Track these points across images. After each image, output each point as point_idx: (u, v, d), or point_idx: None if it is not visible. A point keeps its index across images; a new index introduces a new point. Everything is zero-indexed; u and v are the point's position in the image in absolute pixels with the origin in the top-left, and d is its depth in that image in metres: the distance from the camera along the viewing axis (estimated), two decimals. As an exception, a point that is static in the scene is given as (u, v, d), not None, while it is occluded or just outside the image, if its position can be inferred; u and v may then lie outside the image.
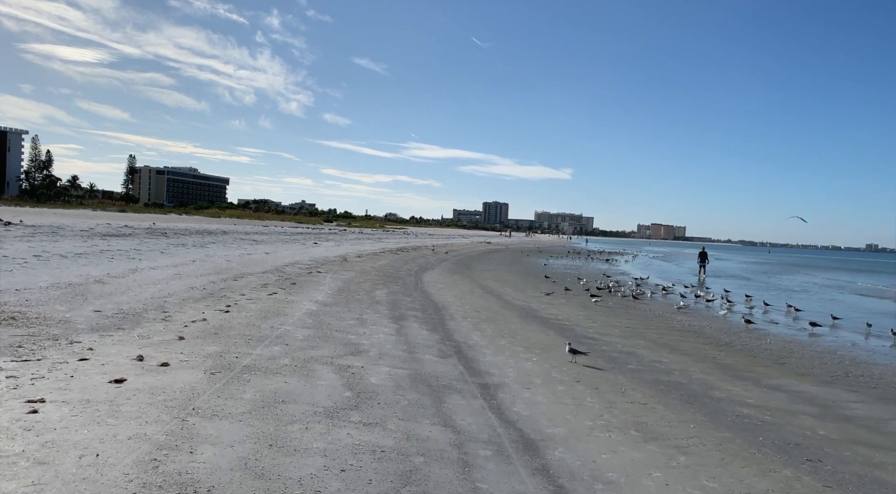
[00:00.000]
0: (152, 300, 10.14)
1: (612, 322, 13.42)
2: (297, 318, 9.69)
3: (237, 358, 6.71)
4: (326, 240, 39.07)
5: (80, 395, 4.92)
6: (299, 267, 18.69)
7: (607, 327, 12.56)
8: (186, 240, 25.69)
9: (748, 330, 13.63)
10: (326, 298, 12.46)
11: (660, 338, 11.59)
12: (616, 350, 9.99)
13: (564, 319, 13.24)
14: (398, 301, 13.48)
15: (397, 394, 5.88)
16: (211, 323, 8.59)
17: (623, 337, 11.42)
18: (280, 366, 6.51)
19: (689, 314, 16.09)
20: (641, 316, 14.89)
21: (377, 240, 50.07)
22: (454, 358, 8.10)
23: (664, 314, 15.76)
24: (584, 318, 13.68)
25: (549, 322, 12.66)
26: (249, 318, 9.27)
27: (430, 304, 13.63)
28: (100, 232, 24.85)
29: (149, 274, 13.37)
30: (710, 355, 10.19)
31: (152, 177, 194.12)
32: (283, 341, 7.87)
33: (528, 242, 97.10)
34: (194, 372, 5.93)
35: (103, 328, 7.67)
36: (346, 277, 17.32)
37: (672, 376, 8.24)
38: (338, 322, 9.78)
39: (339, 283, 15.60)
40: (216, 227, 41.50)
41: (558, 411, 6.02)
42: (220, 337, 7.77)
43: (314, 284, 14.78)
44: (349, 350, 7.75)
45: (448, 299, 15.02)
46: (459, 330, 10.54)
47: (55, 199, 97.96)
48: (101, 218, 47.16)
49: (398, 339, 8.88)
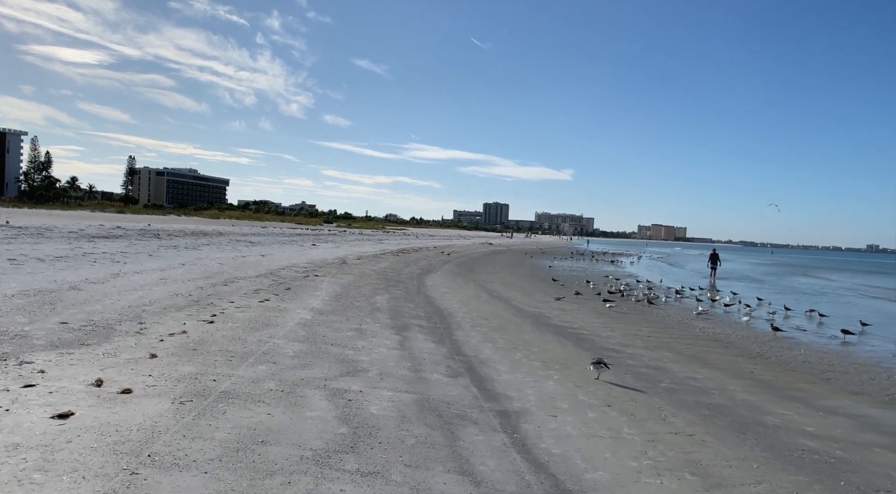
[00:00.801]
0: (129, 309, 9.17)
1: (632, 330, 12.44)
2: (288, 329, 8.72)
3: (215, 381, 5.74)
4: (325, 242, 38.10)
5: (8, 438, 3.95)
6: (295, 271, 17.72)
7: (628, 336, 11.59)
8: (179, 241, 24.72)
9: (777, 339, 12.65)
10: (323, 305, 11.49)
11: (686, 349, 10.61)
12: (643, 363, 9.01)
13: (581, 327, 12.27)
14: (400, 307, 12.51)
15: (402, 429, 4.90)
16: (191, 337, 7.62)
17: (647, 348, 10.45)
18: (264, 392, 5.54)
19: (709, 320, 15.12)
20: (661, 324, 13.91)
21: (377, 241, 49.09)
22: (465, 376, 7.13)
23: (683, 320, 14.79)
24: (601, 326, 12.71)
25: (564, 331, 11.68)
26: (235, 330, 8.30)
27: (434, 311, 12.66)
28: (89, 233, 23.89)
29: (131, 280, 12.40)
30: (746, 369, 9.22)
31: (152, 179, 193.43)
32: (270, 358, 6.90)
33: (530, 243, 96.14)
34: (160, 402, 4.96)
35: (64, 344, 6.70)
36: (344, 281, 16.36)
37: (713, 397, 7.27)
38: (334, 333, 8.80)
39: (337, 288, 14.63)
40: (212, 229, 40.52)
41: (594, 447, 5.05)
42: (199, 353, 6.80)
43: (310, 289, 13.81)
44: (346, 369, 6.77)
45: (453, 305, 14.05)
46: (468, 341, 9.57)
47: (54, 201, 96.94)
48: (98, 219, 46.22)
49: (401, 354, 7.90)
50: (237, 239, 30.65)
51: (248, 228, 52.38)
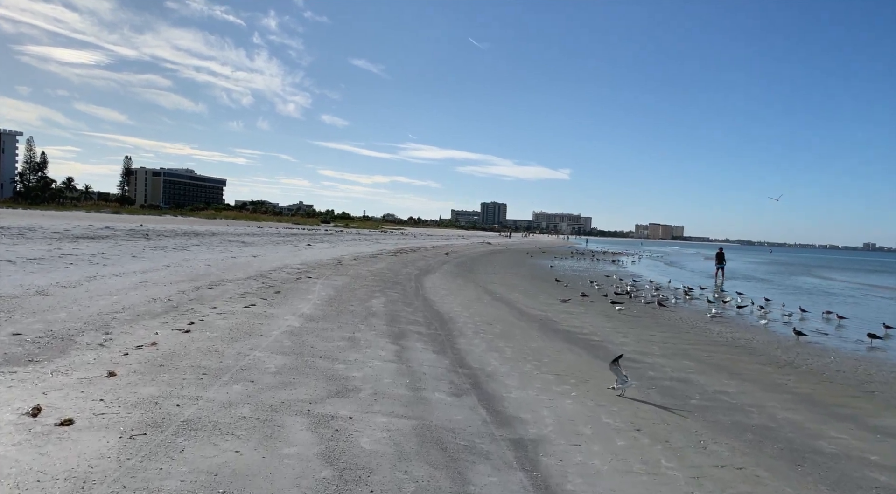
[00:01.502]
0: (97, 316, 8.28)
1: (646, 335, 11.59)
2: (273, 339, 7.84)
3: (178, 406, 4.87)
4: (321, 242, 37.20)
5: None
6: (287, 273, 16.84)
7: (643, 343, 10.73)
8: (167, 242, 23.79)
9: (801, 344, 11.82)
10: (313, 311, 10.61)
11: (708, 357, 9.76)
12: (665, 375, 8.16)
13: (591, 333, 11.41)
14: (397, 312, 11.64)
15: (399, 470, 4.03)
16: (161, 349, 6.74)
17: (666, 356, 9.60)
18: (235, 420, 4.66)
19: (724, 323, 14.29)
20: (674, 327, 13.07)
21: (374, 241, 48.20)
22: (472, 395, 6.26)
23: (697, 324, 13.95)
24: (613, 331, 11.85)
25: (574, 337, 10.82)
26: (213, 341, 7.43)
27: (434, 316, 11.80)
28: (74, 234, 22.96)
29: (107, 283, 11.51)
30: (779, 381, 8.37)
31: (148, 179, 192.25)
32: (248, 375, 6.02)
33: (529, 243, 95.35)
34: (105, 437, 4.09)
35: (10, 360, 5.81)
36: (338, 283, 15.48)
37: (751, 416, 6.41)
38: (324, 344, 7.92)
39: (330, 291, 13.75)
40: (206, 229, 39.56)
41: (631, 488, 4.19)
42: (167, 370, 5.92)
43: (301, 293, 12.92)
44: (335, 387, 5.90)
45: (454, 308, 13.19)
46: (472, 350, 8.70)
47: (50, 201, 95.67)
48: (91, 219, 45.23)
49: (399, 368, 7.03)
50: (229, 239, 29.73)
51: (242, 228, 51.43)
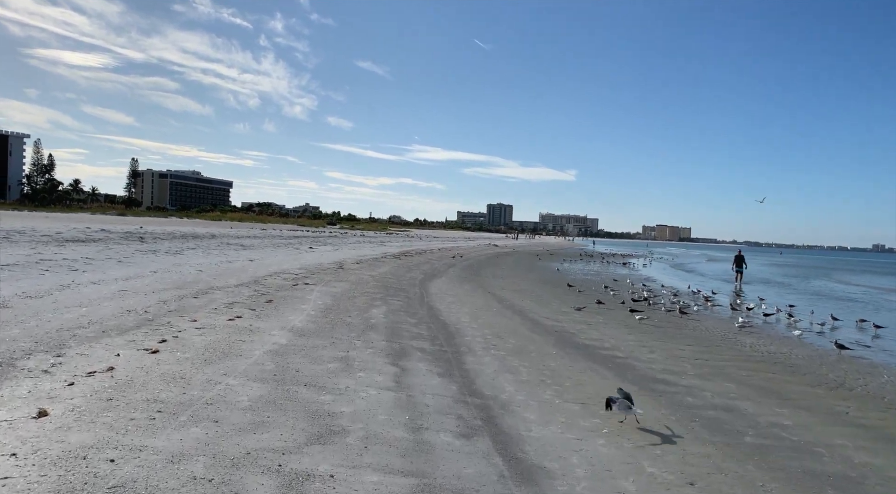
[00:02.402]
0: (56, 334, 7.27)
1: (674, 350, 10.48)
2: (253, 361, 6.80)
3: (112, 462, 3.82)
4: (324, 245, 36.21)
5: None
6: (284, 278, 15.82)
7: (672, 359, 9.62)
8: (162, 245, 22.84)
9: (846, 360, 10.68)
10: (305, 324, 9.56)
11: (749, 377, 8.64)
12: (707, 402, 7.05)
13: (614, 347, 10.31)
14: (399, 324, 10.58)
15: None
16: (117, 376, 5.71)
17: (702, 376, 8.48)
18: (181, 485, 3.61)
19: (755, 334, 13.15)
20: (703, 340, 11.94)
21: (379, 243, 47.18)
22: (484, 435, 5.19)
23: (726, 335, 12.81)
24: (637, 344, 10.75)
25: (595, 353, 9.72)
26: (182, 364, 6.39)
27: (439, 328, 10.73)
28: (65, 237, 22.04)
29: (81, 292, 10.51)
30: (838, 409, 7.24)
31: (155, 181, 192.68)
32: (213, 412, 4.97)
33: (535, 244, 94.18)
34: (-3, 516, 3.05)
35: (-76, 394, 4.80)
36: (337, 290, 14.43)
37: (823, 460, 5.30)
38: (311, 366, 6.87)
39: (327, 299, 12.71)
40: (206, 231, 38.66)
41: None
42: (115, 405, 4.88)
43: (296, 302, 11.89)
44: (317, 429, 4.84)
45: (461, 318, 12.12)
46: (483, 371, 7.63)
47: (56, 203, 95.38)
48: (94, 221, 44.46)
49: (397, 398, 5.96)
50: (228, 242, 28.78)
51: (245, 230, 50.55)
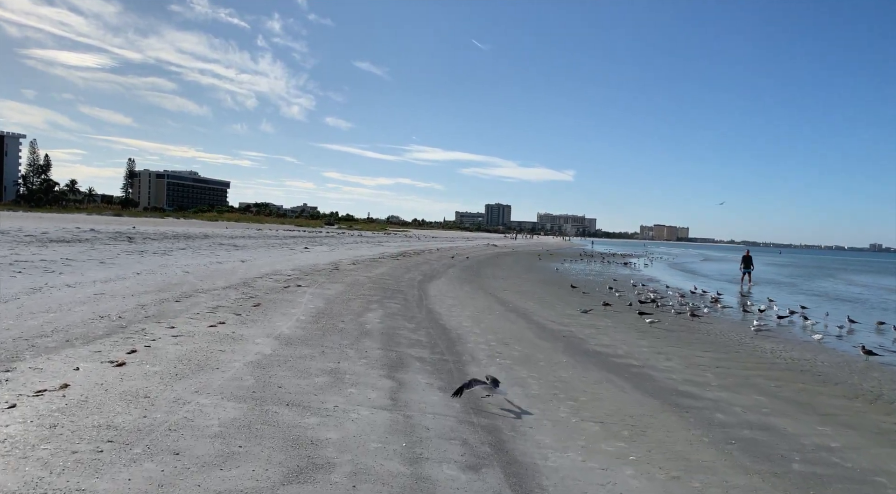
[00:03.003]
0: (12, 343, 6.51)
1: (691, 356, 9.74)
2: (230, 376, 6.05)
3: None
4: (320, 245, 35.43)
5: None
6: (275, 280, 15.06)
7: (692, 367, 8.89)
8: (151, 245, 22.05)
9: (876, 366, 9.96)
10: (294, 330, 8.80)
11: (779, 389, 7.91)
12: (739, 419, 6.31)
13: (627, 354, 9.57)
14: (396, 329, 9.84)
15: None
16: (69, 397, 4.96)
17: (727, 387, 7.74)
18: (116, 547, 2.86)
19: (772, 338, 12.43)
20: (719, 345, 11.22)
21: (377, 243, 46.41)
22: (494, 466, 4.44)
23: (742, 339, 12.09)
24: (651, 351, 10.01)
25: (609, 361, 8.98)
26: (149, 379, 5.64)
27: (439, 333, 9.99)
28: (51, 237, 21.25)
29: (52, 296, 9.75)
30: (885, 426, 6.51)
31: (152, 181, 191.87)
32: (174, 442, 4.22)
33: (535, 244, 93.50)
34: None
35: None
36: (331, 293, 13.68)
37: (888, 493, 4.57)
38: (296, 381, 6.12)
39: (320, 302, 11.96)
40: (199, 231, 37.85)
41: None
42: (57, 435, 4.13)
43: (286, 305, 11.14)
44: (297, 462, 4.09)
45: (463, 322, 11.38)
46: (489, 384, 6.88)
47: (53, 204, 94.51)
48: (88, 222, 43.62)
49: (392, 420, 5.21)
50: (221, 242, 27.99)
51: (241, 231, 49.74)
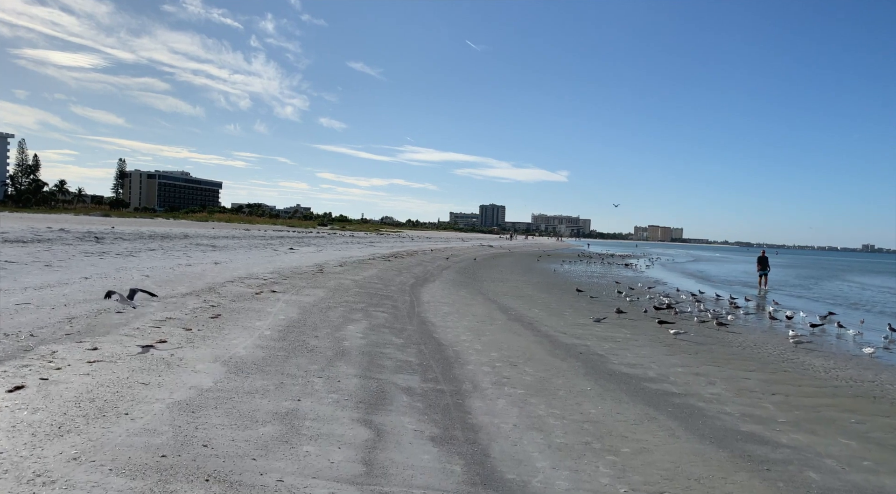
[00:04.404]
0: None
1: (736, 378, 8.06)
2: (139, 427, 4.30)
3: None
4: (307, 246, 33.61)
5: None
6: (248, 285, 13.30)
7: (744, 395, 7.20)
8: (117, 246, 20.20)
9: (954, 390, 8.31)
10: (252, 351, 7.06)
11: (862, 427, 6.22)
12: (842, 482, 4.62)
13: (661, 377, 7.87)
14: (381, 348, 8.11)
15: None
16: None
17: (798, 425, 6.05)
18: None
19: (817, 352, 10.81)
20: (762, 362, 9.55)
21: (368, 244, 44.61)
22: None
23: (784, 354, 10.45)
24: (688, 372, 8.32)
25: (642, 387, 7.27)
26: (14, 435, 3.90)
27: (433, 351, 8.27)
28: (6, 237, 19.38)
29: (-42, 308, 7.97)
30: None
31: (143, 182, 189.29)
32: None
33: (530, 245, 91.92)
34: None
35: None
36: (309, 300, 11.94)
37: None
38: (233, 435, 4.37)
39: (293, 312, 10.23)
40: (180, 231, 35.95)
41: None
42: None
43: (251, 317, 9.40)
44: None
45: (461, 336, 9.68)
46: (499, 429, 5.17)
47: (41, 204, 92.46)
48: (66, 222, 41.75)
49: (363, 503, 3.49)
50: (199, 242, 26.15)
51: (227, 231, 47.84)
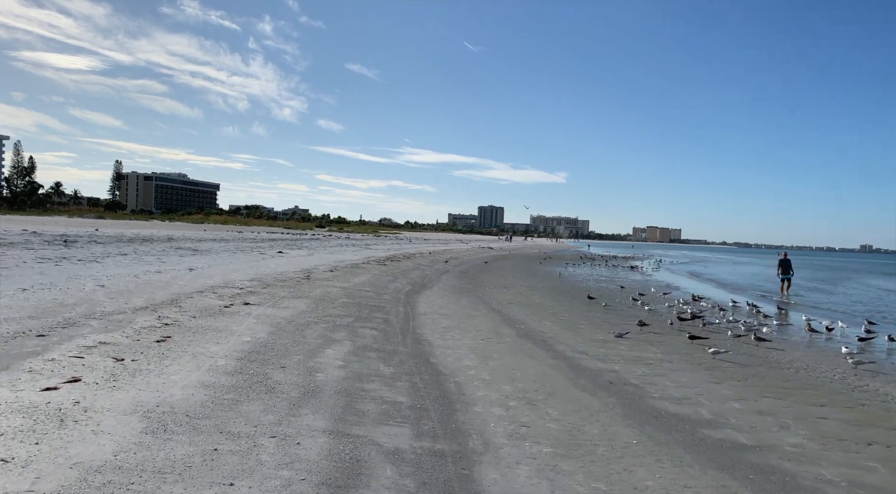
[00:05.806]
0: None
1: (810, 419, 6.39)
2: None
3: None
4: (298, 249, 31.90)
5: None
6: (219, 295, 11.63)
7: (832, 446, 5.53)
8: (85, 251, 18.50)
9: None
10: (193, 392, 5.38)
11: None
12: None
13: (718, 417, 6.19)
14: (363, 381, 6.43)
15: None
16: None
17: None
18: None
19: (886, 376, 9.16)
20: (828, 393, 7.88)
21: (364, 246, 42.89)
22: None
23: (847, 379, 8.79)
24: (748, 409, 6.65)
25: (700, 435, 5.59)
26: None
27: (430, 384, 6.60)
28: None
29: None
30: None
31: (140, 184, 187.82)
32: None
33: (530, 247, 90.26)
34: None
35: None
36: (286, 314, 10.27)
37: None
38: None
39: (263, 332, 8.55)
40: (165, 234, 34.25)
41: None
42: None
43: (208, 339, 7.72)
44: None
45: (463, 360, 8.01)
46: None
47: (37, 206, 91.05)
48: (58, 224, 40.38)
49: None
50: (179, 246, 24.46)
51: (218, 233, 46.16)
